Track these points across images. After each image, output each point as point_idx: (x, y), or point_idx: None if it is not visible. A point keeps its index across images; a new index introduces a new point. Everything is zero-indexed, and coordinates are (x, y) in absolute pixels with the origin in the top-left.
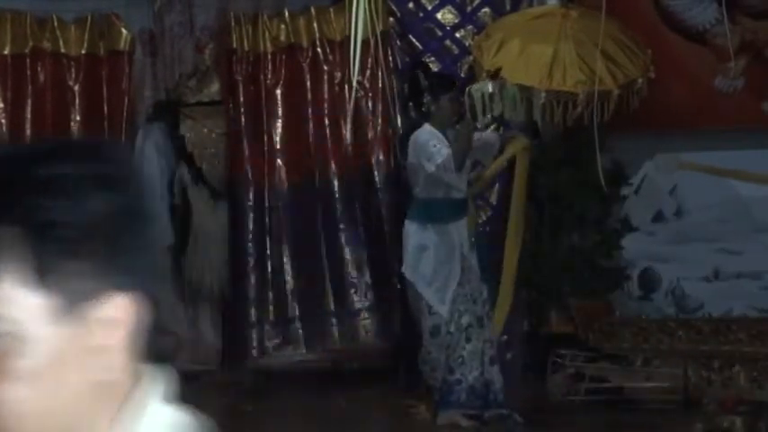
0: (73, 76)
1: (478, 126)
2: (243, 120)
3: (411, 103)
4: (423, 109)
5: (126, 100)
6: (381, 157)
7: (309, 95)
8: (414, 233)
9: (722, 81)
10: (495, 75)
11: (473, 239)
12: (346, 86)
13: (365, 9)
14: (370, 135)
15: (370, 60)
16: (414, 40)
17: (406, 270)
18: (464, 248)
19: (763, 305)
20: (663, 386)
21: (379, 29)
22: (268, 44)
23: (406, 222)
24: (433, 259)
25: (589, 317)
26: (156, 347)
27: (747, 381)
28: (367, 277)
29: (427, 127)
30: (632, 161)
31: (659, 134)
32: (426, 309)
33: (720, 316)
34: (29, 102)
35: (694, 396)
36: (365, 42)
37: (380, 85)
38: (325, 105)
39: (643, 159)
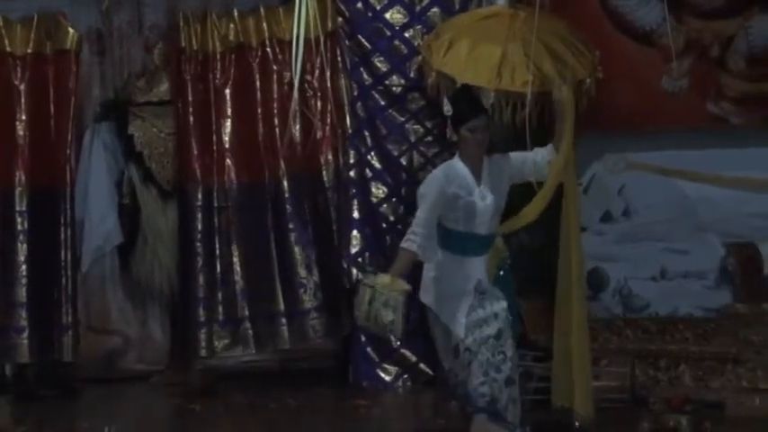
0: (19, 75)
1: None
2: (192, 119)
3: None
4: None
5: (73, 99)
6: (330, 157)
7: (259, 95)
8: None
9: (668, 81)
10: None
11: (499, 273)
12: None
13: (311, 8)
14: (318, 135)
15: (318, 60)
16: (362, 39)
17: (422, 295)
18: (482, 283)
19: (708, 304)
20: (610, 385)
21: (327, 28)
22: (217, 43)
23: None
24: (445, 283)
25: (538, 317)
26: None
27: (693, 380)
28: (316, 277)
29: (453, 162)
30: (581, 161)
31: (607, 134)
32: (446, 330)
33: (667, 315)
34: None
35: (641, 395)
36: (314, 42)
37: (329, 85)
38: (275, 105)
39: (591, 159)
